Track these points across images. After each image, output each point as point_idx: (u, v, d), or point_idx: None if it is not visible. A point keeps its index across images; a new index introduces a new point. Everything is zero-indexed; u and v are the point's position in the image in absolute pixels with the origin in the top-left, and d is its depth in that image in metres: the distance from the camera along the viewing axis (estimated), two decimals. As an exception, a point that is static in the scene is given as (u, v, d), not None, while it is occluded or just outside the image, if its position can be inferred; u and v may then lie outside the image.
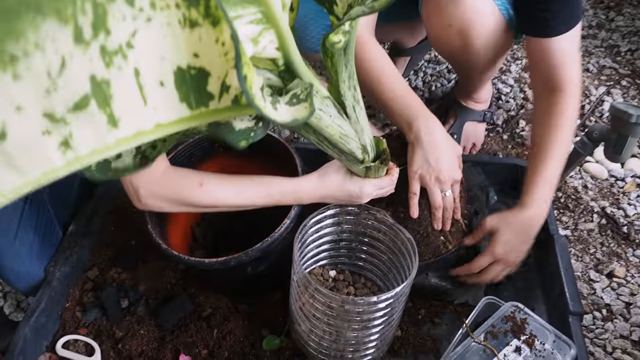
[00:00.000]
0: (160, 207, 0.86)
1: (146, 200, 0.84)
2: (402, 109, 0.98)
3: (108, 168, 0.57)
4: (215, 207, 0.89)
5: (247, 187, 0.90)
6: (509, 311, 1.02)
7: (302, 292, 0.93)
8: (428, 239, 1.03)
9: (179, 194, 0.85)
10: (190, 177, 0.87)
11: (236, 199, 0.89)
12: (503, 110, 1.54)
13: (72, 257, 1.15)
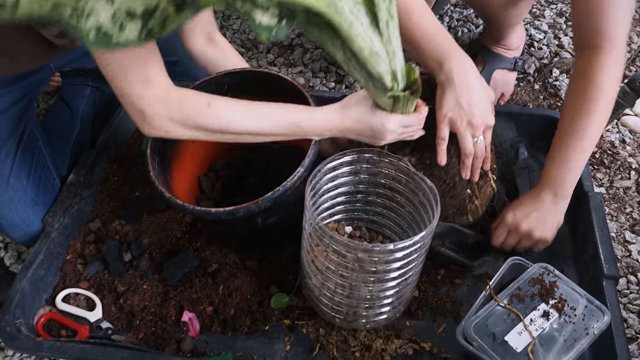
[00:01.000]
0: (167, 130, 0.79)
1: (152, 121, 0.78)
2: (433, 47, 0.88)
3: (108, 41, 0.58)
4: (224, 131, 0.82)
5: (258, 111, 0.83)
6: (537, 273, 0.94)
7: (315, 243, 0.85)
8: (454, 190, 0.95)
9: (186, 114, 0.79)
10: (198, 96, 0.81)
11: (245, 123, 0.82)
12: (535, 58, 1.42)
13: (72, 208, 1.09)
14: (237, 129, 0.82)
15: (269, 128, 0.84)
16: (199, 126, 0.81)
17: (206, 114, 0.80)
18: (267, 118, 0.83)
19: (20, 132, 1.09)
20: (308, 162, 0.89)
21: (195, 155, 1.08)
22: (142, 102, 0.76)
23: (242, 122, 0.82)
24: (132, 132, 1.27)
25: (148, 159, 0.93)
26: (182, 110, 0.79)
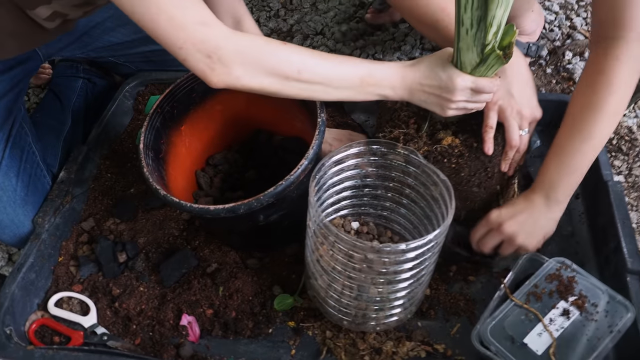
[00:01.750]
0: (238, 75, 0.72)
1: (223, 64, 0.70)
2: None
3: None
4: (297, 78, 0.75)
5: (331, 58, 0.77)
6: (554, 268, 0.88)
7: (320, 241, 0.80)
8: (489, 182, 0.89)
9: (259, 54, 0.72)
10: (266, 38, 0.76)
11: (319, 70, 0.75)
12: (547, 40, 1.36)
13: (64, 207, 1.03)
14: (310, 76, 0.75)
15: (343, 76, 0.77)
16: (272, 70, 0.73)
17: (280, 53, 0.73)
18: (340, 66, 0.77)
19: (9, 128, 1.03)
20: (312, 153, 0.83)
21: (192, 149, 1.03)
22: (208, 45, 0.69)
23: (316, 67, 0.75)
24: (126, 126, 1.21)
25: (141, 154, 0.87)
26: (253, 49, 0.72)
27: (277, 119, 1.05)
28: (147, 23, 0.68)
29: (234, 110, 1.03)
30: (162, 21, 0.67)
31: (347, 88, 0.78)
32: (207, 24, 0.70)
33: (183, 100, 0.96)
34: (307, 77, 0.75)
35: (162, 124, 0.94)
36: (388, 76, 0.78)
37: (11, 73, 1.03)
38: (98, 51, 1.21)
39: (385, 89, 0.79)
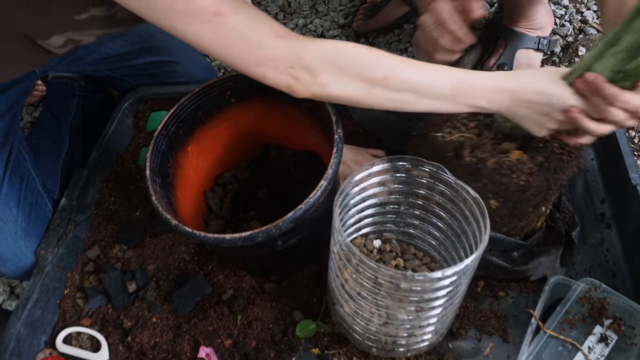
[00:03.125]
0: (324, 82, 0.68)
1: (309, 73, 0.67)
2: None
3: None
4: (384, 84, 0.69)
5: (418, 64, 0.70)
6: (583, 291, 0.83)
7: (343, 264, 0.75)
8: (544, 203, 0.84)
9: (344, 59, 0.67)
10: (343, 41, 0.70)
11: (408, 74, 0.69)
12: (559, 36, 1.31)
13: (67, 236, 0.98)
14: (397, 82, 0.69)
15: (431, 83, 0.70)
16: (358, 75, 0.68)
17: (365, 57, 0.68)
18: (428, 72, 0.70)
19: (7, 153, 0.97)
20: (331, 173, 0.78)
21: (199, 169, 0.97)
22: (290, 57, 0.66)
23: (403, 73, 0.69)
24: (127, 146, 1.15)
25: (148, 181, 0.82)
26: (337, 54, 0.67)
27: (288, 133, 1.00)
28: (218, 48, 0.65)
29: (242, 126, 0.98)
30: (234, 42, 0.64)
31: (436, 97, 0.70)
32: (283, 36, 0.66)
33: (189, 120, 0.91)
34: (393, 83, 0.69)
35: (168, 146, 0.88)
36: (483, 85, 0.70)
37: (7, 94, 0.97)
38: (95, 64, 1.16)
39: (479, 100, 0.71)
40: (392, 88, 0.69)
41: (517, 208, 0.81)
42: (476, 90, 0.70)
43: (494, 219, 0.83)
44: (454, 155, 0.79)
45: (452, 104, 0.71)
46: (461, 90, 0.70)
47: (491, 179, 0.77)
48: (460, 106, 0.71)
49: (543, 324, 0.81)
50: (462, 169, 0.79)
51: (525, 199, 0.80)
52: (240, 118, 0.96)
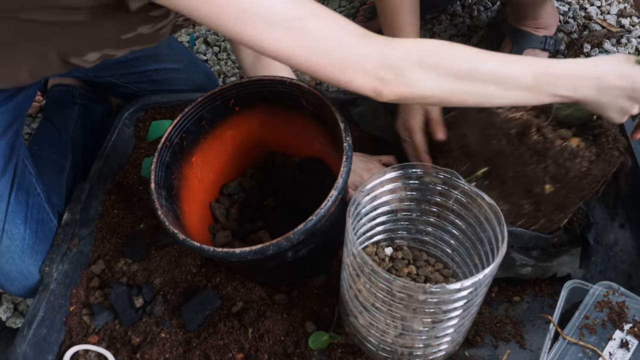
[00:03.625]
0: (411, 80, 0.65)
1: (397, 74, 0.63)
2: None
3: None
4: (471, 77, 0.66)
5: (499, 55, 0.68)
6: (601, 294, 0.82)
7: (357, 275, 0.73)
8: (587, 197, 0.82)
9: (430, 55, 0.65)
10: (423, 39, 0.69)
11: (492, 66, 0.67)
12: (563, 33, 1.29)
13: (71, 251, 0.96)
14: (482, 75, 0.66)
15: (516, 74, 0.67)
16: (445, 70, 0.65)
17: (449, 52, 0.66)
18: (513, 61, 0.68)
19: (14, 167, 0.94)
20: (341, 182, 0.76)
21: (204, 179, 0.95)
22: (375, 57, 0.63)
23: (488, 65, 0.66)
24: (128, 156, 1.13)
25: (154, 195, 0.80)
26: (422, 50, 0.65)
27: (293, 140, 0.98)
28: (299, 56, 0.62)
29: (247, 135, 0.96)
30: (317, 47, 0.61)
31: (521, 88, 0.67)
32: (365, 36, 0.63)
33: (192, 130, 0.89)
34: (479, 76, 0.66)
35: (172, 158, 0.86)
36: (567, 74, 0.68)
37: (14, 101, 0.93)
38: (98, 70, 1.12)
39: (564, 89, 0.68)
40: (478, 81, 0.66)
41: (569, 197, 0.79)
42: (561, 80, 0.68)
43: (538, 206, 0.81)
44: (519, 133, 0.77)
45: (536, 94, 0.68)
46: (545, 80, 0.67)
47: (555, 161, 0.76)
48: (544, 96, 0.69)
49: (561, 329, 0.79)
50: (525, 148, 0.77)
51: (580, 187, 0.79)
52: (245, 126, 0.95)
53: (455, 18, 1.39)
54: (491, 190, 0.82)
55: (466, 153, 0.84)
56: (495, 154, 0.79)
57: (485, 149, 0.80)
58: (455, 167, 0.84)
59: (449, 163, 0.87)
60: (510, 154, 0.77)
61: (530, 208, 0.82)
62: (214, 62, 1.46)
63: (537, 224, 0.85)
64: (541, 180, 0.77)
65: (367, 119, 1.10)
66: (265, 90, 0.88)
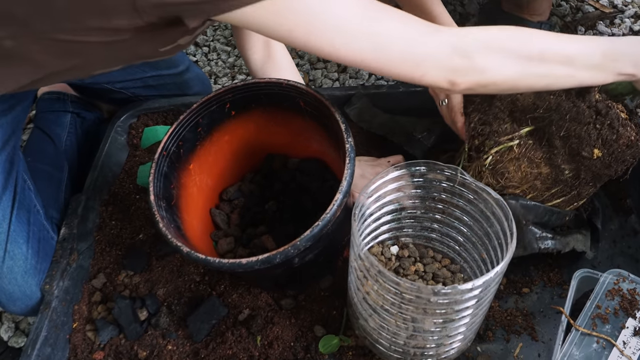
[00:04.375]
0: (486, 64, 0.64)
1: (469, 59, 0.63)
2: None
3: None
4: (542, 58, 0.66)
5: (564, 35, 0.68)
6: (612, 282, 0.81)
7: (364, 277, 0.72)
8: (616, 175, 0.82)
9: (497, 38, 0.65)
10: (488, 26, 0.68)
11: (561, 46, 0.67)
12: (557, 17, 1.28)
13: (70, 267, 0.94)
14: (553, 55, 0.66)
15: (585, 52, 0.67)
16: (516, 53, 0.65)
17: (518, 35, 0.66)
18: (579, 42, 0.67)
19: (14, 184, 0.91)
20: (346, 185, 0.75)
21: (203, 186, 0.93)
22: (446, 47, 0.63)
23: (557, 45, 0.66)
24: (123, 165, 1.11)
25: (154, 207, 0.78)
26: (490, 35, 0.65)
27: (291, 142, 0.96)
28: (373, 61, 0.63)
29: (244, 139, 0.94)
30: (389, 50, 0.62)
31: (590, 67, 0.67)
32: (431, 28, 0.63)
33: (189, 137, 0.87)
34: (550, 56, 0.66)
35: (170, 167, 0.84)
36: (631, 50, 0.68)
37: (13, 113, 0.90)
38: (95, 77, 1.10)
39: (627, 66, 0.68)
40: (549, 62, 0.66)
41: (611, 166, 0.79)
42: (625, 57, 0.67)
43: (578, 173, 0.80)
44: (581, 90, 0.77)
45: (603, 73, 0.68)
46: (612, 57, 0.67)
47: (611, 124, 0.76)
48: (610, 75, 0.69)
49: (573, 320, 0.79)
50: (586, 104, 0.76)
51: (623, 157, 0.78)
52: (241, 130, 0.93)
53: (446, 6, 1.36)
54: (535, 150, 0.81)
55: (512, 110, 0.82)
56: (551, 109, 0.77)
57: (539, 104, 0.78)
58: (495, 125, 0.83)
59: (489, 120, 0.84)
60: (569, 110, 0.76)
61: (570, 175, 0.81)
62: (204, 62, 1.43)
63: (569, 195, 0.83)
64: (592, 142, 0.76)
65: (365, 117, 1.08)
66: (262, 93, 0.86)
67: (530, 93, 0.78)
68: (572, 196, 0.84)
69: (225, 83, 1.37)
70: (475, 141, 0.85)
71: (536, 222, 0.85)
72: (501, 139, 0.81)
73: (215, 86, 1.37)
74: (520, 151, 0.80)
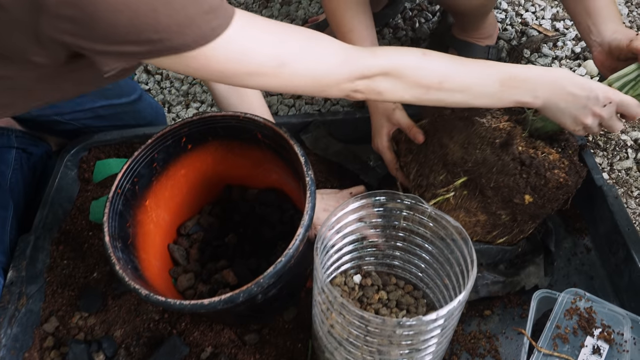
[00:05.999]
0: (382, 91, 0.71)
1: (374, 84, 0.69)
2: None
3: None
4: (439, 87, 0.71)
5: (468, 62, 0.73)
6: (569, 302, 0.83)
7: (327, 309, 0.71)
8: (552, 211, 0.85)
9: (403, 70, 0.70)
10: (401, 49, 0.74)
11: (461, 75, 0.72)
12: (503, 40, 1.32)
13: (19, 312, 0.89)
14: (451, 85, 0.71)
15: (484, 82, 0.72)
16: (415, 83, 0.70)
17: (422, 66, 0.71)
18: (480, 70, 0.73)
19: None
20: (307, 219, 0.74)
21: (160, 222, 0.91)
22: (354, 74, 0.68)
23: (457, 75, 0.71)
24: (74, 201, 1.07)
25: (109, 249, 0.75)
26: (395, 66, 0.69)
27: (250, 173, 0.95)
28: (285, 90, 0.68)
29: (201, 171, 0.93)
30: (303, 83, 0.67)
31: (486, 96, 0.73)
32: (343, 59, 0.67)
33: (144, 173, 0.84)
34: (447, 86, 0.71)
35: (125, 205, 0.82)
36: (530, 79, 0.73)
37: None
38: (42, 108, 1.06)
39: (526, 94, 0.73)
40: (446, 91, 0.71)
41: (545, 207, 0.81)
42: (524, 85, 0.73)
43: (515, 217, 0.83)
44: (503, 143, 0.79)
45: (500, 100, 0.74)
46: (510, 85, 0.73)
47: (537, 172, 0.78)
48: (506, 101, 0.74)
49: (535, 341, 0.80)
50: (510, 157, 0.78)
51: (556, 197, 0.81)
52: (198, 163, 0.91)
53: (398, 31, 1.40)
54: (470, 200, 0.83)
55: (444, 163, 0.84)
56: (478, 163, 0.79)
57: (467, 159, 0.81)
58: (432, 177, 0.84)
59: (425, 173, 0.86)
60: (495, 163, 0.78)
61: (507, 219, 0.83)
62: (156, 91, 1.41)
63: (510, 234, 0.86)
64: (522, 190, 0.78)
65: (320, 145, 1.08)
66: (218, 126, 0.85)
67: (459, 148, 0.81)
68: (515, 234, 0.86)
69: (180, 111, 1.35)
70: (415, 192, 0.87)
71: (489, 263, 0.87)
72: (438, 191, 0.84)
73: (169, 115, 1.35)
74: (456, 202, 0.83)
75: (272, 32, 0.63)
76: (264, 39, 0.62)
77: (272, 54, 0.63)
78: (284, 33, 0.64)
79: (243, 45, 0.61)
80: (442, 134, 0.85)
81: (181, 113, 1.34)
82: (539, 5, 1.43)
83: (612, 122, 0.77)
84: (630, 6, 1.45)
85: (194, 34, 0.57)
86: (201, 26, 0.57)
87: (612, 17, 0.88)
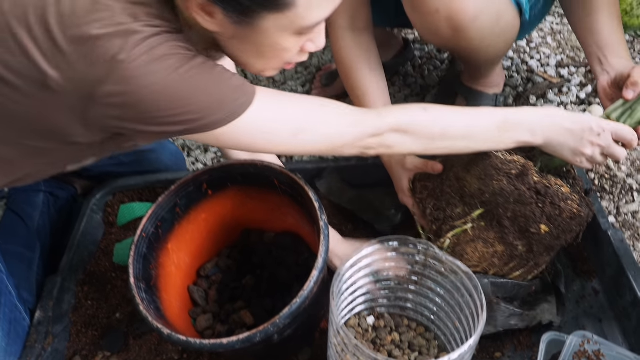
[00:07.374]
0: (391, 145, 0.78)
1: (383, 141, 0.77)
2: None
3: None
4: (443, 137, 0.78)
5: (466, 112, 0.80)
6: (577, 345, 0.85)
7: (342, 351, 0.74)
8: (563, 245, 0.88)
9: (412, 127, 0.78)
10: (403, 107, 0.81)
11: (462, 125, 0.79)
12: (509, 87, 1.38)
13: (45, 351, 0.92)
14: (454, 134, 0.78)
15: (482, 129, 0.79)
16: (420, 135, 0.78)
17: (424, 121, 0.77)
18: (477, 118, 0.80)
19: None
20: (322, 262, 0.78)
21: (181, 264, 0.95)
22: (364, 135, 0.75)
23: (457, 125, 0.78)
24: (99, 243, 1.11)
25: (134, 290, 0.79)
26: (400, 124, 0.76)
27: (267, 217, 0.99)
28: (306, 152, 0.78)
29: (220, 216, 0.97)
30: (318, 146, 0.74)
31: (487, 140, 0.80)
32: (353, 122, 0.75)
33: (167, 218, 0.89)
34: (451, 134, 0.78)
35: (149, 248, 0.86)
36: (525, 119, 0.79)
37: None
38: None
39: (523, 134, 0.79)
40: (450, 139, 0.78)
41: (559, 238, 0.84)
42: (520, 126, 0.79)
43: (531, 247, 0.85)
44: (519, 174, 0.82)
45: (501, 144, 0.80)
46: (507, 128, 0.79)
47: (552, 201, 0.82)
48: (507, 143, 0.80)
49: (545, 384, 0.82)
50: (526, 186, 0.82)
51: (570, 228, 0.84)
52: (218, 208, 0.96)
53: (408, 79, 1.46)
54: (487, 231, 0.86)
55: (462, 195, 0.88)
56: (496, 193, 0.83)
57: (484, 190, 0.84)
58: (449, 210, 0.88)
59: (442, 206, 0.90)
60: (512, 193, 0.82)
61: (524, 250, 0.85)
62: (177, 136, 1.47)
63: (526, 267, 0.88)
64: (538, 219, 0.82)
65: (334, 192, 1.13)
66: (237, 173, 0.90)
67: (476, 180, 0.85)
68: (530, 267, 0.88)
69: (199, 155, 1.41)
70: (433, 226, 0.90)
71: (505, 297, 0.90)
72: (456, 223, 0.87)
73: (188, 158, 1.40)
74: (474, 233, 0.86)
75: (289, 103, 0.71)
76: (282, 111, 0.70)
77: (290, 123, 0.70)
78: (299, 103, 0.72)
79: (266, 118, 0.68)
80: (458, 168, 0.89)
81: (200, 157, 1.39)
82: (544, 53, 1.49)
83: (613, 150, 0.81)
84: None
85: (226, 111, 0.64)
86: (231, 104, 0.64)
87: (623, 53, 0.95)
